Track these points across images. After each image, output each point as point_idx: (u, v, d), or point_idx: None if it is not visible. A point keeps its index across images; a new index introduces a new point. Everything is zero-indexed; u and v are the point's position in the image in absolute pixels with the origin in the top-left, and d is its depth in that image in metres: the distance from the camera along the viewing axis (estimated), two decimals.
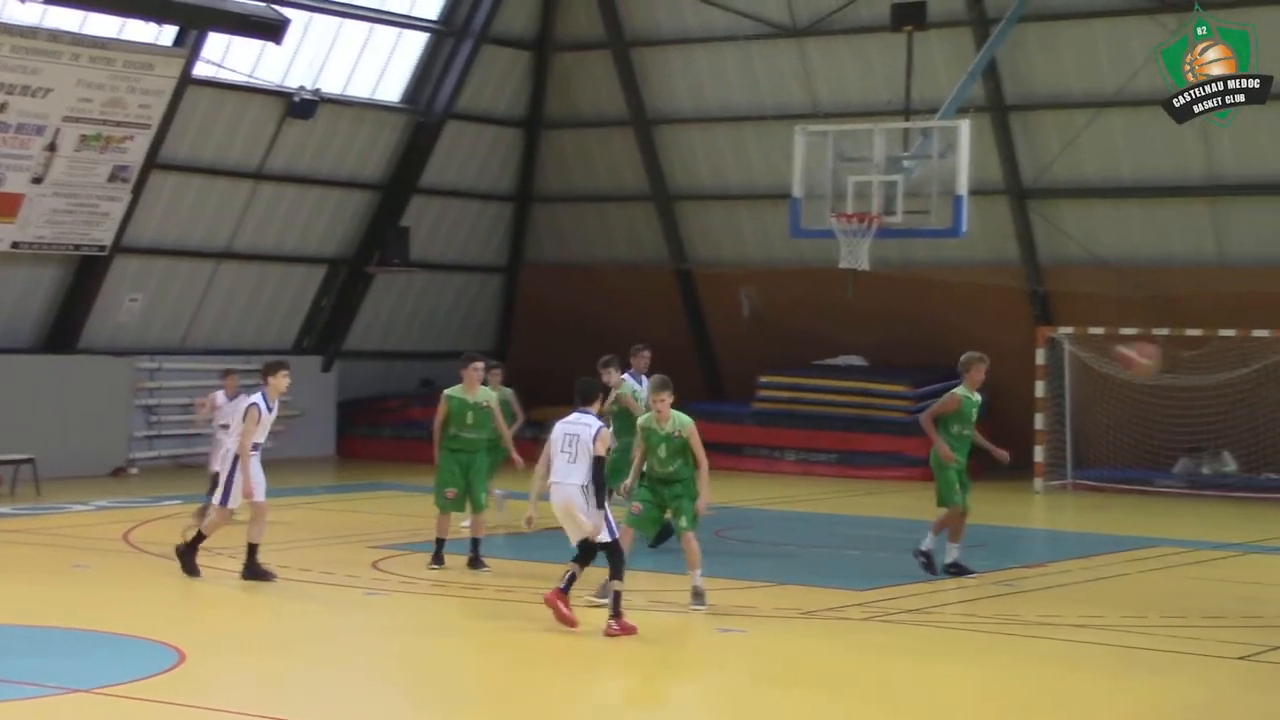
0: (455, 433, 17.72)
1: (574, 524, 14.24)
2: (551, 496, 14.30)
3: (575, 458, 14.24)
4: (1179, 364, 26.80)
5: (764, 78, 30.40)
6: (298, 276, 30.59)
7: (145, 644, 13.17)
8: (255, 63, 27.96)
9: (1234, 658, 13.59)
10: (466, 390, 17.91)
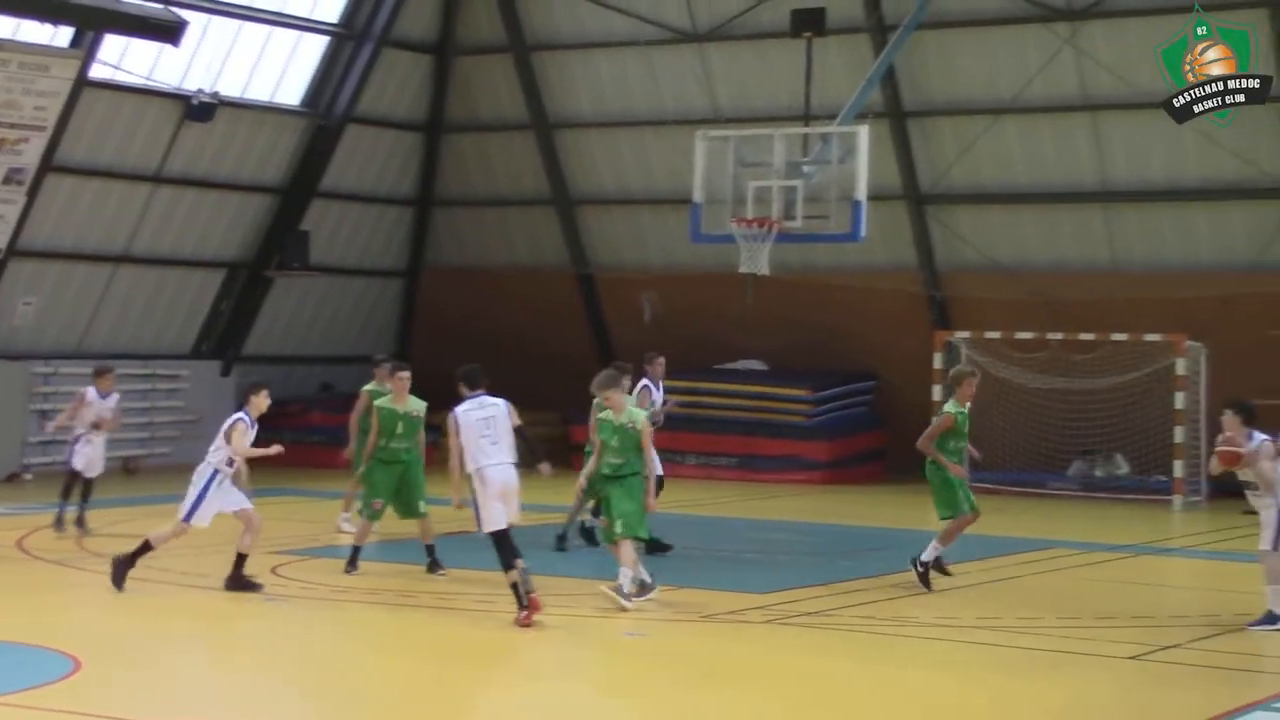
0: (385, 444, 17.63)
1: (512, 504, 14.53)
2: (494, 476, 14.55)
3: (498, 439, 14.58)
4: (1072, 368, 27.17)
5: (665, 82, 30.51)
6: (196, 280, 30.37)
7: (39, 651, 13.04)
8: (153, 65, 27.75)
9: (1125, 657, 13.81)
10: (396, 400, 17.79)
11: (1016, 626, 15.14)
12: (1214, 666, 13.83)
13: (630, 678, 13.25)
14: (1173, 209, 28.02)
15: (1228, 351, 26.55)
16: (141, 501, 24.00)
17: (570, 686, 13.00)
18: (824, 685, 12.87)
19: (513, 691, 12.73)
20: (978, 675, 13.30)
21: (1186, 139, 27.10)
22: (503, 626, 14.56)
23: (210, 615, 15.25)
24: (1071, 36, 27.14)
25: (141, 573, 17.06)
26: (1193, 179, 27.60)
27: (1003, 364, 27.58)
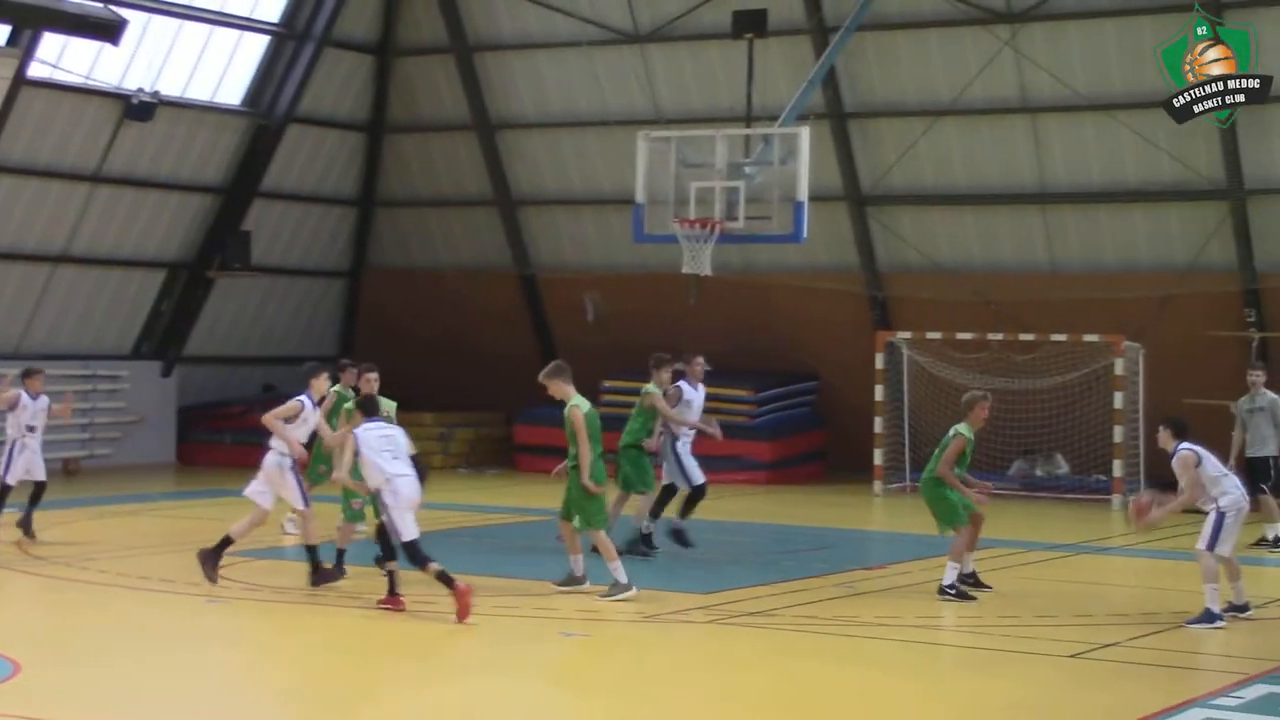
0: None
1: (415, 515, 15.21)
2: (403, 488, 15.02)
3: (399, 454, 15.21)
4: (1012, 368, 27.35)
5: (607, 83, 30.54)
6: (136, 280, 30.20)
7: None
8: (92, 64, 27.58)
9: (1065, 655, 13.92)
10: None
11: (957, 625, 15.25)
12: (1153, 664, 13.96)
13: (570, 678, 13.26)
14: (1111, 210, 28.26)
15: (1165, 352, 26.80)
16: (82, 503, 23.85)
17: (508, 685, 13.01)
18: (765, 684, 12.92)
19: (446, 691, 12.72)
20: (918, 674, 13.39)
21: (1124, 141, 27.36)
22: (444, 625, 14.57)
23: (151, 616, 15.18)
24: (1011, 39, 27.32)
25: (80, 574, 17.01)
26: (1131, 181, 27.84)
27: (943, 364, 27.74)
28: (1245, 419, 21.31)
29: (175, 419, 30.98)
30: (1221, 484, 15.46)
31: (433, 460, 30.73)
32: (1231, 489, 15.48)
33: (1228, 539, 15.37)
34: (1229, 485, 15.49)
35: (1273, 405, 21.14)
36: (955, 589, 16.57)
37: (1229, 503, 15.40)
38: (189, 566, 17.61)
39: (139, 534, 20.93)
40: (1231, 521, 15.39)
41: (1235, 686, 12.65)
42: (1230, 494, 15.43)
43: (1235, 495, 15.45)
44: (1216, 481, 15.45)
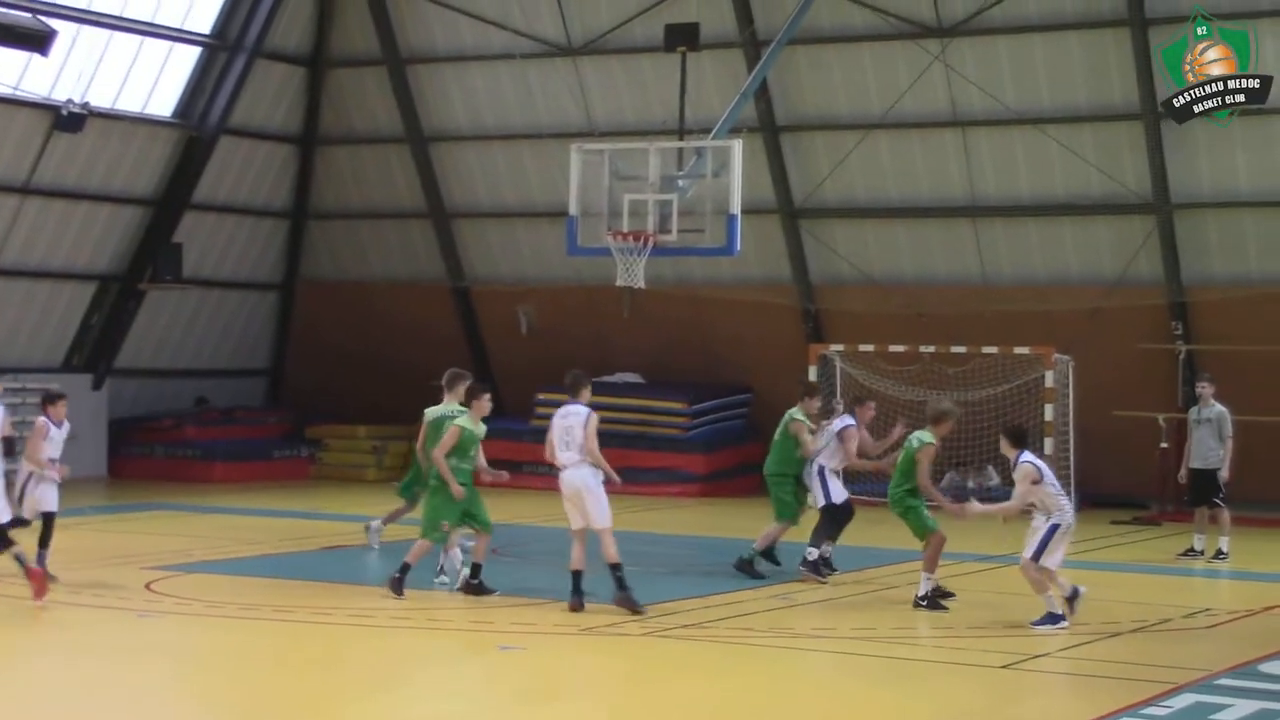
0: (458, 464, 16.82)
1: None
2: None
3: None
4: (944, 380, 27.50)
5: (540, 96, 30.56)
6: (67, 293, 29.99)
7: None
8: (21, 74, 27.38)
9: (997, 666, 14.03)
10: (474, 420, 17.17)
11: (891, 637, 15.34)
12: (1084, 674, 14.09)
13: (506, 692, 13.26)
14: (1040, 224, 28.49)
15: (1095, 364, 27.02)
16: None
17: (444, 701, 13.00)
18: (699, 697, 12.96)
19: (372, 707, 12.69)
20: (850, 685, 13.47)
21: (1053, 155, 27.60)
22: (381, 639, 14.54)
23: (81, 631, 15.07)
24: (941, 53, 27.52)
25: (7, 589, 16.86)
26: (1060, 194, 28.08)
27: (876, 376, 27.85)
28: (1192, 429, 21.37)
29: (107, 432, 30.76)
30: (1059, 500, 15.82)
31: (366, 474, 30.74)
32: (1066, 505, 15.87)
33: (1055, 551, 15.68)
34: (1065, 502, 15.91)
35: (1220, 418, 21.09)
36: (928, 599, 16.85)
37: (1063, 518, 15.69)
38: (121, 581, 17.52)
39: (70, 548, 20.73)
40: (1061, 534, 15.67)
41: (1163, 696, 12.78)
42: (1066, 510, 15.80)
43: (1069, 512, 15.82)
44: (1054, 497, 15.79)
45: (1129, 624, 16.18)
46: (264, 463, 30.34)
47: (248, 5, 30.04)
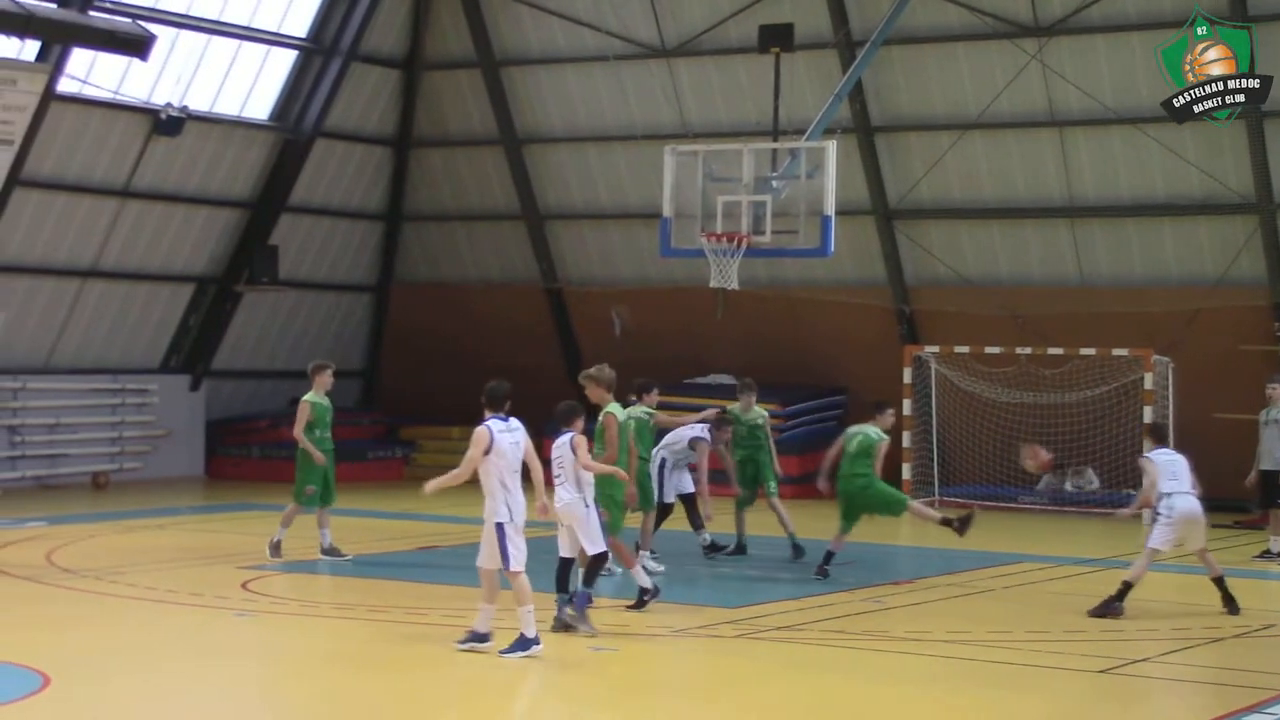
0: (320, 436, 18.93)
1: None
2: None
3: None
4: (1041, 382, 27.26)
5: (634, 98, 30.55)
6: (165, 295, 30.29)
7: (8, 668, 12.99)
8: (121, 78, 27.68)
9: (1094, 671, 13.87)
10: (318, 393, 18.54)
11: (987, 640, 15.19)
12: (1184, 680, 13.91)
13: (600, 693, 13.23)
14: (1140, 225, 28.16)
15: (1195, 366, 26.68)
16: (110, 517, 23.92)
17: (538, 702, 13.00)
18: (794, 700, 12.88)
19: (470, 709, 12.71)
20: (948, 689, 13.34)
21: (1152, 155, 27.27)
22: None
23: (179, 630, 15.19)
24: (1038, 52, 27.27)
25: (108, 588, 17.05)
26: (1159, 195, 27.74)
27: (971, 379, 27.67)
28: (1262, 430, 21.24)
29: (204, 433, 31.05)
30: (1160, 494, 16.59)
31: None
32: (1166, 499, 16.76)
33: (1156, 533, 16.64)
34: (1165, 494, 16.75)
35: None
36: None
37: (1161, 509, 16.71)
38: (218, 580, 17.67)
39: (167, 548, 20.97)
40: (1160, 522, 16.67)
41: (1268, 702, 12.59)
42: (1163, 503, 16.70)
43: (1166, 503, 16.72)
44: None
45: (1231, 629, 15.94)
46: (358, 464, 30.49)
47: (343, 9, 30.24)
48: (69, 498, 26.70)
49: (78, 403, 29.03)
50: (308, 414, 19.46)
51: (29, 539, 21.04)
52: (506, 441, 14.06)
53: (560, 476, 15.16)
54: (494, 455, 13.94)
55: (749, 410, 21.02)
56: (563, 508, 15.09)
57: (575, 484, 15.10)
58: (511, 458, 14.04)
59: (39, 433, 28.27)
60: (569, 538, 15.23)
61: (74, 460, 28.82)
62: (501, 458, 13.95)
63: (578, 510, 15.08)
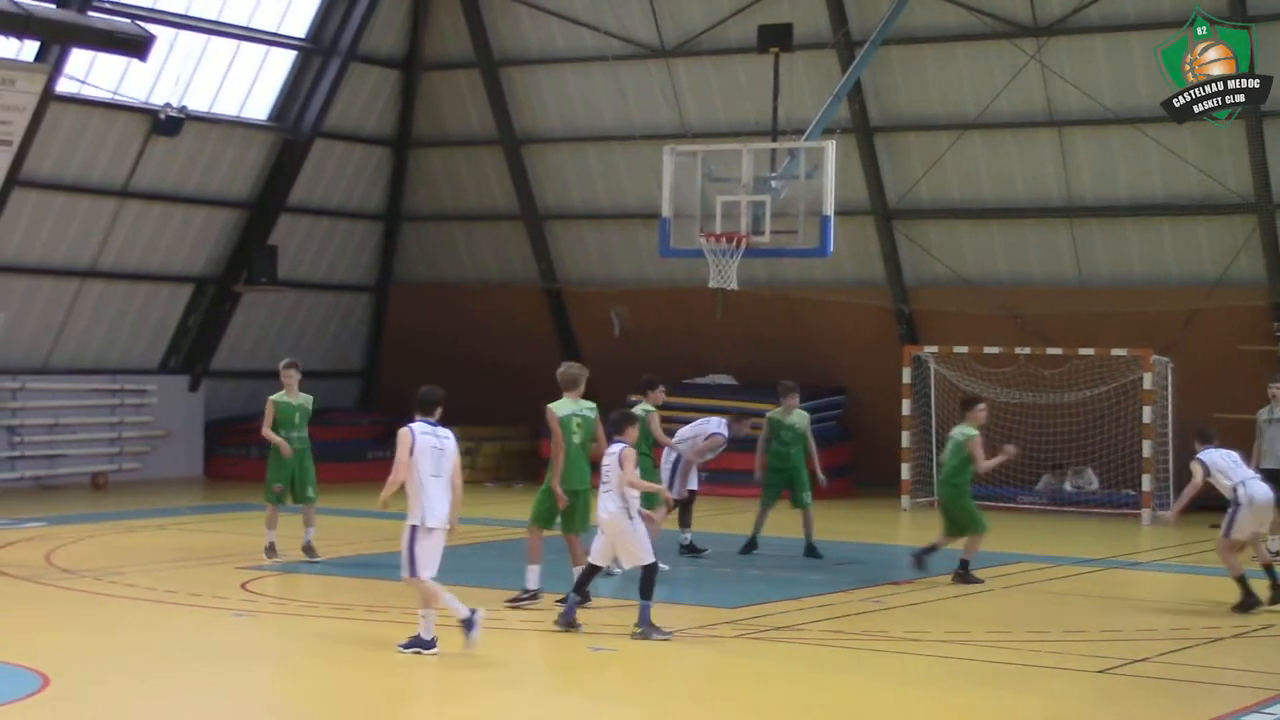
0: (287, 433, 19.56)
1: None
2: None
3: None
4: (1040, 382, 27.28)
5: (633, 98, 30.55)
6: (164, 295, 30.28)
7: (7, 668, 12.99)
8: (120, 79, 27.68)
9: (1093, 671, 13.86)
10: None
11: (986, 640, 15.19)
12: (1183, 680, 13.90)
13: (599, 693, 13.24)
14: (1139, 224, 28.16)
15: (1194, 366, 26.70)
16: (109, 517, 23.92)
17: (536, 700, 12.99)
18: (794, 699, 12.88)
19: (472, 706, 12.70)
20: (947, 689, 13.34)
21: (1151, 155, 27.27)
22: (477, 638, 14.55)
23: (178, 631, 15.19)
24: (1037, 53, 27.27)
25: (107, 588, 17.05)
26: (1158, 195, 27.75)
27: (970, 379, 27.67)
28: (1263, 429, 21.26)
29: (203, 433, 31.04)
30: (1229, 485, 16.94)
31: None
32: (1238, 489, 17.01)
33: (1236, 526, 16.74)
34: (1234, 484, 17.08)
35: None
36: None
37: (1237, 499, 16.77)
38: (217, 580, 17.67)
39: (166, 548, 20.97)
40: (1240, 513, 16.75)
41: (1266, 703, 12.59)
42: (1239, 493, 16.84)
43: (1242, 493, 16.83)
44: (1226, 486, 17.02)
45: (1230, 629, 15.95)
46: (358, 464, 30.46)
47: (342, 9, 30.24)
48: (68, 498, 26.69)
49: (77, 403, 29.03)
50: (272, 413, 19.72)
51: (28, 539, 21.03)
52: (429, 445, 14.02)
53: (606, 486, 15.07)
54: (415, 457, 13.90)
55: (790, 414, 20.99)
56: (606, 518, 14.99)
57: (620, 495, 14.96)
58: (433, 462, 13.98)
59: (38, 433, 28.26)
60: (605, 546, 15.11)
61: (73, 460, 28.82)
62: (422, 460, 13.92)
63: (621, 522, 14.92)
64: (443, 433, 14.23)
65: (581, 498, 16.35)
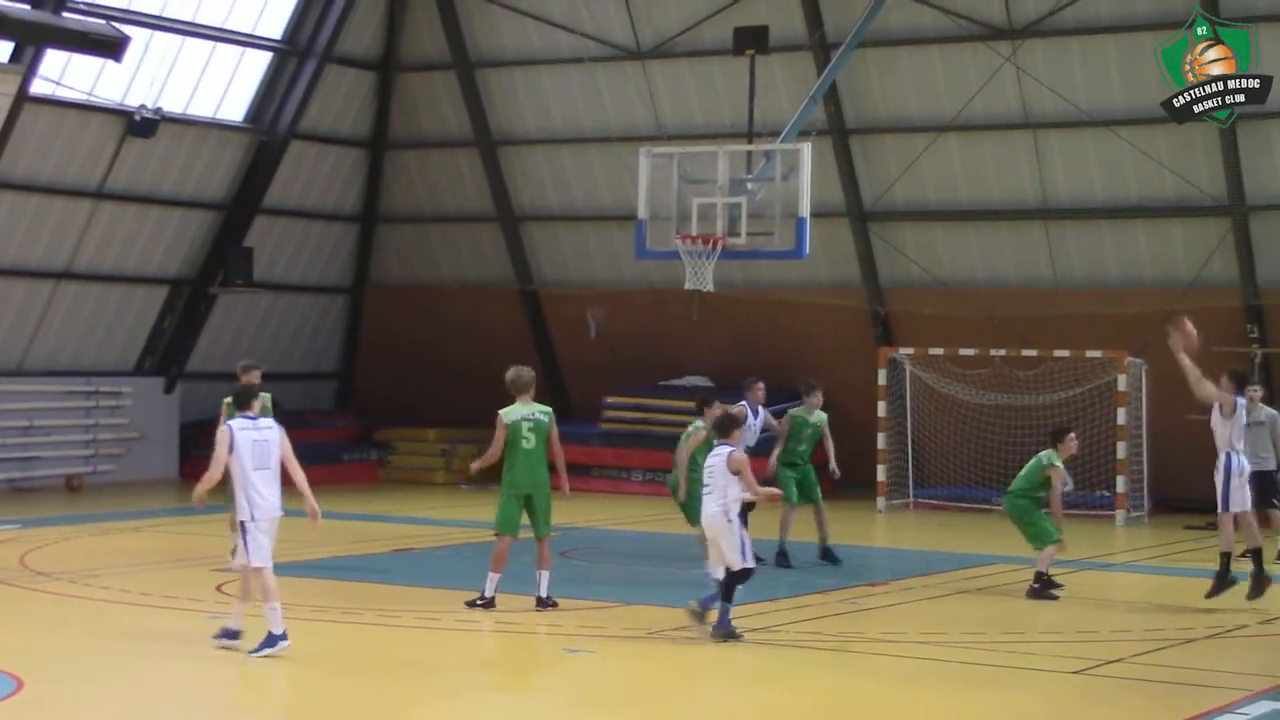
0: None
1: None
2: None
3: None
4: (1015, 384, 27.34)
5: (609, 100, 30.56)
6: (139, 297, 30.21)
7: None
8: (95, 80, 27.60)
9: (1069, 672, 13.90)
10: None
11: (961, 642, 15.22)
12: (1158, 680, 13.95)
13: (575, 695, 13.24)
14: (1113, 226, 28.25)
15: (1168, 367, 26.69)
16: (84, 520, 23.85)
17: (515, 703, 12.99)
18: (769, 700, 12.90)
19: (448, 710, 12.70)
20: (923, 690, 13.37)
21: (1125, 157, 27.36)
22: (449, 642, 14.55)
23: (153, 633, 15.15)
24: (1012, 55, 27.33)
25: (82, 591, 17.01)
26: (1133, 196, 27.83)
27: (946, 380, 27.74)
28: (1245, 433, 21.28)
29: (178, 435, 30.96)
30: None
31: (434, 477, 30.82)
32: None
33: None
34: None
35: (1271, 420, 21.22)
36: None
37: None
38: (192, 582, 17.63)
39: (141, 550, 20.91)
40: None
41: (1240, 703, 12.64)
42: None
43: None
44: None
45: (1204, 630, 16.01)
46: (333, 466, 30.43)
47: (318, 11, 30.20)
48: (42, 500, 26.62)
49: (51, 405, 28.95)
50: (226, 416, 19.37)
51: (2, 542, 20.97)
52: (249, 440, 14.19)
53: (709, 487, 15.02)
54: (236, 454, 14.06)
55: (813, 412, 21.06)
56: (707, 519, 15.02)
57: (723, 496, 14.91)
58: (256, 456, 14.17)
59: (12, 435, 28.17)
60: (715, 552, 15.02)
61: (48, 463, 28.73)
62: (244, 456, 14.08)
63: (719, 523, 14.89)
64: (264, 425, 14.46)
65: (539, 501, 16.35)
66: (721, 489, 14.93)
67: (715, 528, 14.93)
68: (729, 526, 14.89)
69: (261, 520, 14.09)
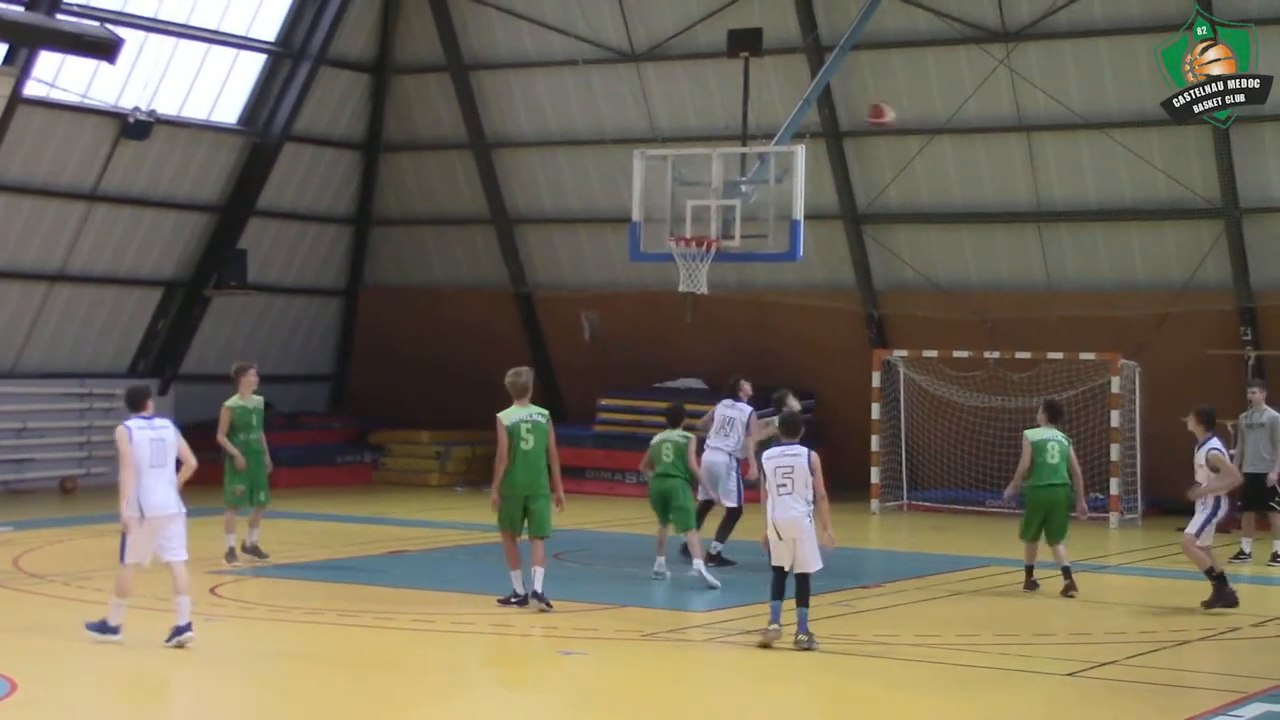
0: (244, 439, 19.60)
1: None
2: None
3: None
4: (1009, 386, 27.36)
5: (603, 102, 30.57)
6: (133, 299, 30.19)
7: None
8: (89, 82, 27.59)
9: (1062, 674, 13.92)
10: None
11: (955, 644, 15.23)
12: (1151, 682, 13.96)
13: (569, 697, 13.24)
14: (1107, 229, 28.27)
15: (1162, 370, 26.80)
16: (78, 522, 23.82)
17: (508, 706, 12.99)
18: (761, 704, 12.90)
19: (443, 711, 12.71)
20: (917, 693, 13.38)
21: (1119, 160, 27.38)
22: (444, 644, 14.55)
23: (147, 636, 15.14)
24: (1006, 58, 27.36)
25: (76, 593, 17.01)
26: (1126, 199, 27.87)
27: (940, 383, 27.76)
28: (1244, 434, 21.38)
29: None
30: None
31: (429, 479, 30.82)
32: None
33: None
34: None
35: (1273, 422, 21.21)
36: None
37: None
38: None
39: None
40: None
41: (1233, 705, 12.65)
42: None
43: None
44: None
45: (1197, 632, 16.02)
46: (327, 468, 30.46)
47: (312, 13, 30.21)
48: (36, 502, 26.60)
49: (45, 407, 28.93)
50: (227, 419, 19.83)
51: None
52: (146, 439, 14.44)
53: (787, 487, 14.90)
54: (133, 451, 14.31)
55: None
56: (787, 522, 14.87)
57: (804, 498, 14.85)
58: (153, 454, 14.39)
59: (6, 437, 28.14)
60: (787, 551, 14.89)
61: (41, 465, 28.72)
62: (140, 454, 14.33)
63: (803, 525, 14.82)
64: (159, 423, 14.68)
65: (538, 502, 16.35)
66: (802, 489, 14.83)
67: (799, 528, 14.80)
68: (809, 528, 14.81)
69: (151, 518, 14.29)
